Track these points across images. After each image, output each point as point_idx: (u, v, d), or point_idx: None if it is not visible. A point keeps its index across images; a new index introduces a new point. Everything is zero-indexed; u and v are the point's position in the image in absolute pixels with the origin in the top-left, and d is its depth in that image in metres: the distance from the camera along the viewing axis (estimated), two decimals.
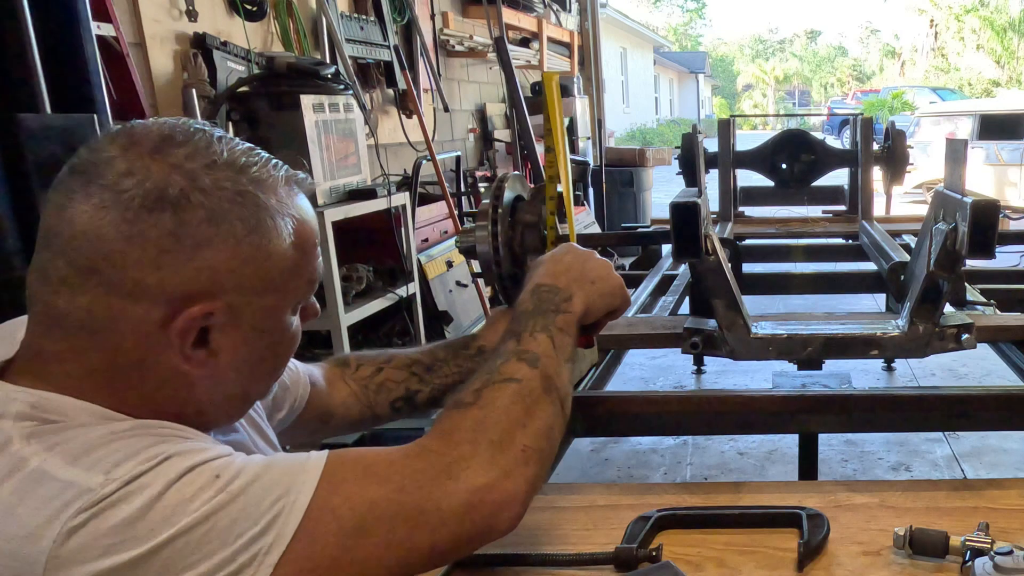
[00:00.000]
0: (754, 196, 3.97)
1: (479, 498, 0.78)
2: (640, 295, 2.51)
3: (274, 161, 0.82)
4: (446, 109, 5.90)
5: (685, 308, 2.32)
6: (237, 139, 0.81)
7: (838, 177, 3.82)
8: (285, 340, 0.85)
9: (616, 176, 8.06)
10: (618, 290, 1.03)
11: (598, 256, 1.04)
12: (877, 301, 4.70)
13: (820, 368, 1.96)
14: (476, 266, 1.28)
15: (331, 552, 0.73)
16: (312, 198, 0.89)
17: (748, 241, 3.48)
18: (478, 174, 6.16)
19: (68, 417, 0.73)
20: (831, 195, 3.90)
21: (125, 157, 0.74)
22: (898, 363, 4.16)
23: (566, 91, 8.27)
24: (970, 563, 0.94)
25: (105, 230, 0.72)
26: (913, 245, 2.40)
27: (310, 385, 1.15)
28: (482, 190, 5.55)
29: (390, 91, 5.18)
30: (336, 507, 0.74)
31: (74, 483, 0.67)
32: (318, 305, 0.92)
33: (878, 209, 3.75)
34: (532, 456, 0.83)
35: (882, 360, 4.08)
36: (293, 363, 1.12)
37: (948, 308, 1.59)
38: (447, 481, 0.78)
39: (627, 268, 3.79)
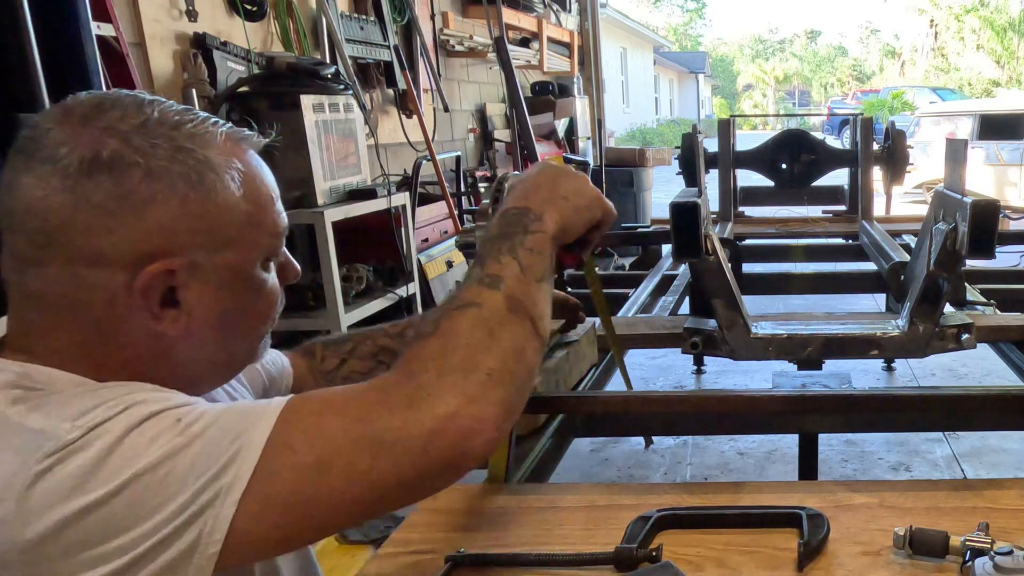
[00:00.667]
0: (754, 196, 3.97)
1: (443, 425, 0.74)
2: (640, 295, 2.51)
3: (213, 119, 0.82)
4: (446, 109, 5.90)
5: (685, 308, 2.32)
6: (172, 102, 0.81)
7: (838, 177, 3.82)
8: (261, 297, 0.85)
9: (616, 176, 8.06)
10: (595, 202, 0.96)
11: (572, 170, 0.98)
12: (877, 301, 4.70)
13: (820, 368, 1.96)
14: None
15: (292, 487, 0.72)
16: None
17: (748, 241, 3.48)
18: (478, 174, 6.16)
19: (53, 385, 0.75)
20: (831, 195, 3.90)
21: (60, 128, 0.76)
22: (898, 363, 4.16)
23: (566, 91, 8.28)
24: (970, 563, 0.94)
25: (50, 200, 0.74)
26: (913, 245, 2.40)
27: (289, 374, 1.15)
28: (482, 190, 5.55)
29: (390, 91, 5.18)
30: (293, 442, 0.72)
31: (43, 431, 0.70)
32: (297, 265, 0.92)
33: (878, 209, 3.75)
34: (500, 379, 0.78)
35: (882, 360, 4.08)
36: (278, 356, 1.13)
37: (948, 308, 1.59)
38: (408, 410, 0.74)
39: (627, 268, 3.79)
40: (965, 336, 1.52)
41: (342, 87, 3.51)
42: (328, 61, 4.20)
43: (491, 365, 0.78)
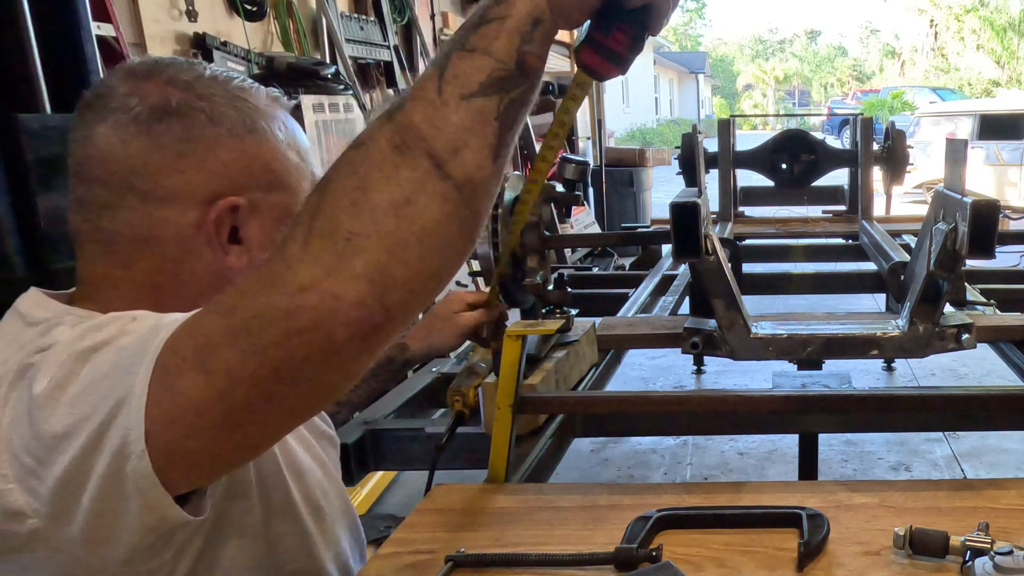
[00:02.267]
0: (754, 196, 3.97)
1: (295, 302, 0.64)
2: (640, 295, 2.51)
3: (251, 81, 0.90)
4: None
5: (685, 308, 2.32)
6: (213, 64, 0.91)
7: (838, 177, 3.82)
8: None
9: (616, 176, 8.06)
10: None
11: None
12: (877, 301, 4.70)
13: (820, 368, 1.96)
14: (476, 265, 1.28)
15: (186, 392, 0.67)
16: None
17: (748, 241, 3.48)
18: None
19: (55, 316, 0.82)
20: (831, 195, 3.90)
21: (126, 84, 0.83)
22: (898, 363, 4.17)
23: (565, 91, 8.27)
24: (970, 563, 0.94)
25: (127, 145, 0.82)
26: (913, 245, 2.40)
27: None
28: None
29: (390, 91, 5.18)
30: (180, 345, 0.68)
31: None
32: None
33: (878, 209, 3.75)
34: (362, 244, 0.64)
35: (882, 360, 4.08)
36: None
37: (948, 308, 1.59)
38: (268, 289, 0.65)
39: (627, 268, 3.79)
40: (965, 336, 1.52)
41: (342, 87, 3.51)
42: (328, 61, 4.20)
43: (352, 228, 0.64)
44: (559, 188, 2.03)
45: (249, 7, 3.81)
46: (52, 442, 0.70)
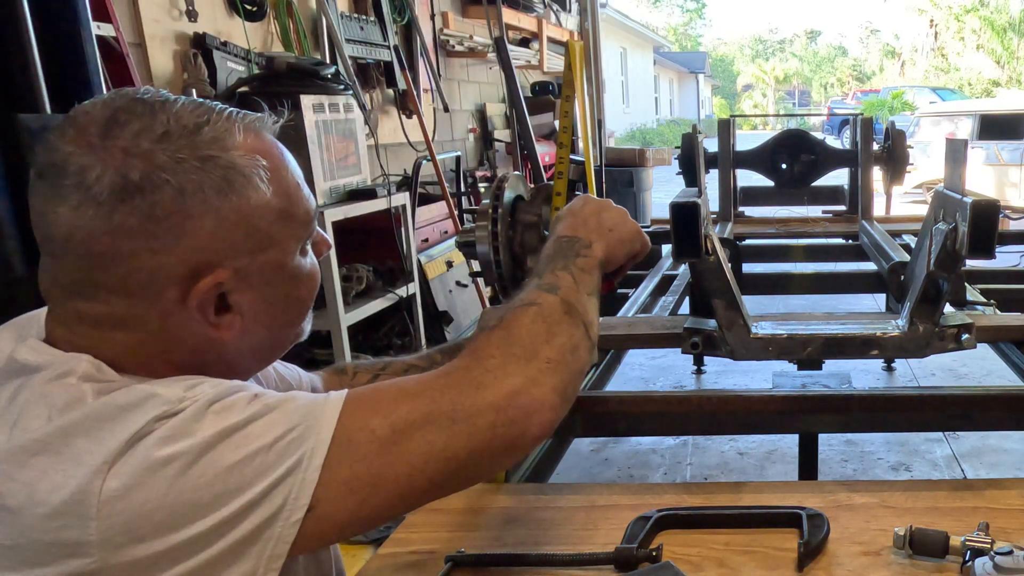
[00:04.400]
0: (754, 196, 3.97)
1: (508, 402, 0.80)
2: (640, 295, 2.51)
3: (228, 111, 0.80)
4: (446, 109, 5.90)
5: (685, 308, 2.32)
6: (181, 98, 0.79)
7: (838, 177, 3.82)
8: (303, 282, 0.87)
9: (616, 176, 8.05)
10: (636, 235, 1.06)
11: (614, 205, 1.06)
12: (877, 301, 4.70)
13: (820, 368, 1.96)
14: (476, 265, 1.28)
15: (371, 460, 0.75)
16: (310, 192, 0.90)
17: (748, 241, 3.48)
18: (478, 174, 6.16)
19: (122, 381, 0.76)
20: (831, 195, 3.90)
21: (79, 150, 0.74)
22: (898, 363, 4.16)
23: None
24: (970, 563, 0.94)
25: (91, 232, 0.74)
26: (913, 245, 2.40)
27: (312, 391, 1.14)
28: (482, 190, 5.55)
29: (390, 91, 5.18)
30: (370, 420, 0.77)
31: (154, 395, 0.74)
32: (328, 236, 0.95)
33: (878, 209, 3.75)
34: (557, 367, 0.85)
35: (882, 360, 4.08)
36: (296, 370, 1.13)
37: (948, 308, 1.59)
38: (477, 390, 0.80)
39: None
40: (965, 336, 1.52)
41: (342, 87, 3.51)
42: (328, 61, 4.20)
43: (549, 355, 0.85)
44: None
45: (249, 7, 3.81)
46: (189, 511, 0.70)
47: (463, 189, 5.32)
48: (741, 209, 3.82)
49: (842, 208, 3.81)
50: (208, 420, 0.72)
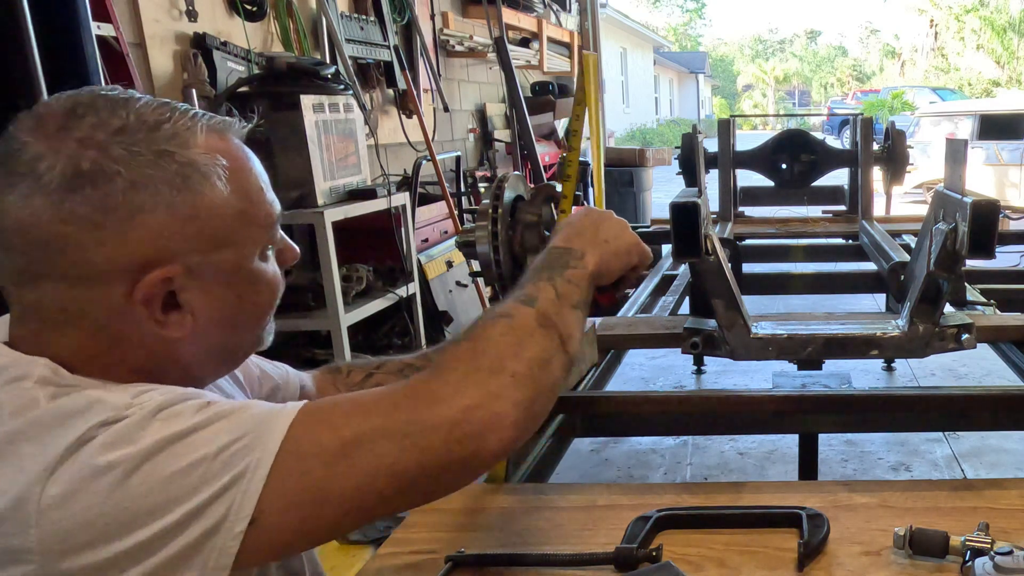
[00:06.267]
0: (754, 196, 3.97)
1: (464, 416, 0.77)
2: (640, 295, 2.51)
3: (192, 112, 0.79)
4: (446, 109, 5.90)
5: (685, 308, 2.32)
6: (147, 96, 0.79)
7: (838, 177, 3.82)
8: (261, 287, 0.85)
9: (616, 176, 8.05)
10: (633, 247, 1.03)
11: (615, 216, 1.05)
12: (877, 301, 4.70)
13: (820, 368, 1.96)
14: (476, 265, 1.28)
15: (318, 474, 0.73)
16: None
17: (748, 241, 3.48)
18: (478, 174, 6.16)
19: (81, 384, 0.76)
20: (831, 195, 3.90)
21: (36, 140, 0.74)
22: (898, 363, 4.16)
23: (566, 91, 8.28)
24: (970, 563, 0.94)
25: (39, 219, 0.73)
26: (913, 245, 2.40)
27: (299, 389, 1.13)
28: (482, 190, 5.55)
29: (390, 91, 5.18)
30: (319, 432, 0.75)
31: (99, 401, 0.73)
32: (295, 247, 0.92)
33: (878, 209, 3.75)
34: (523, 382, 0.81)
35: (882, 360, 4.08)
36: (285, 368, 1.12)
37: (948, 308, 1.59)
38: (432, 404, 0.77)
39: None
40: (965, 336, 1.52)
41: (342, 87, 3.51)
42: (328, 61, 4.20)
43: (515, 368, 0.81)
44: (559, 188, 2.03)
45: (249, 7, 3.81)
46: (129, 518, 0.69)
47: (463, 189, 5.32)
48: (741, 209, 3.82)
49: (842, 208, 3.81)
50: (153, 427, 0.71)
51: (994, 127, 10.71)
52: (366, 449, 0.75)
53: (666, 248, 3.37)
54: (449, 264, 4.59)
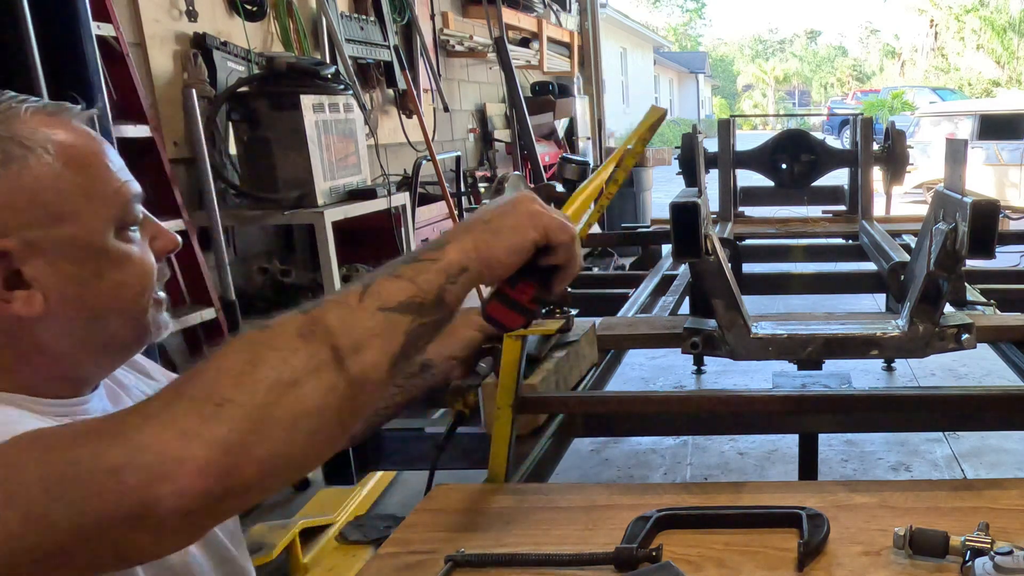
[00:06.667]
0: (754, 196, 3.97)
1: (127, 460, 0.60)
2: (640, 295, 2.51)
3: (23, 97, 0.79)
4: (446, 109, 5.90)
5: (685, 308, 2.32)
6: None
7: (838, 177, 3.82)
8: (124, 268, 0.83)
9: None
10: (524, 221, 0.77)
11: (525, 194, 0.81)
12: (877, 301, 4.70)
13: (820, 368, 1.96)
14: None
15: None
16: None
17: (748, 241, 3.48)
18: (478, 174, 6.16)
19: None
20: (831, 195, 3.90)
21: None
22: (898, 363, 4.16)
23: (566, 91, 8.29)
24: (970, 563, 0.94)
25: None
26: (913, 245, 2.40)
27: None
28: (482, 190, 5.55)
29: (390, 91, 5.18)
30: None
31: None
32: (173, 235, 0.89)
33: (878, 209, 3.75)
34: (235, 413, 0.62)
35: (882, 360, 4.08)
36: None
37: (948, 308, 1.59)
38: (109, 440, 0.61)
39: (627, 268, 3.79)
40: (965, 336, 1.52)
41: (342, 87, 3.51)
42: (328, 61, 4.20)
43: (229, 396, 0.62)
44: (559, 188, 2.03)
45: (249, 7, 3.81)
46: None
47: (463, 189, 5.32)
48: (741, 209, 3.82)
49: (842, 208, 3.81)
50: None
51: (994, 127, 10.71)
52: (23, 497, 0.61)
53: (666, 248, 3.38)
54: None
